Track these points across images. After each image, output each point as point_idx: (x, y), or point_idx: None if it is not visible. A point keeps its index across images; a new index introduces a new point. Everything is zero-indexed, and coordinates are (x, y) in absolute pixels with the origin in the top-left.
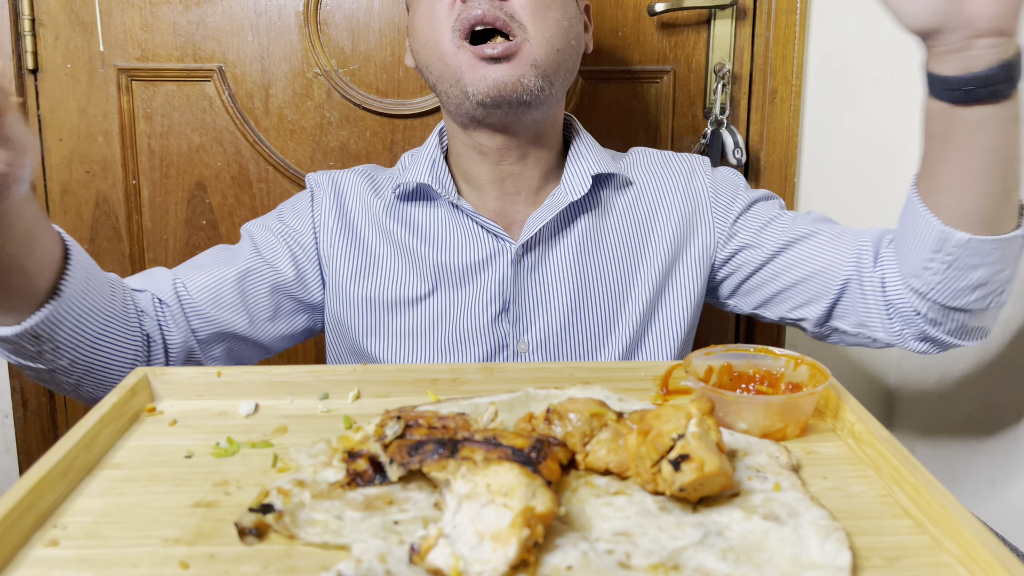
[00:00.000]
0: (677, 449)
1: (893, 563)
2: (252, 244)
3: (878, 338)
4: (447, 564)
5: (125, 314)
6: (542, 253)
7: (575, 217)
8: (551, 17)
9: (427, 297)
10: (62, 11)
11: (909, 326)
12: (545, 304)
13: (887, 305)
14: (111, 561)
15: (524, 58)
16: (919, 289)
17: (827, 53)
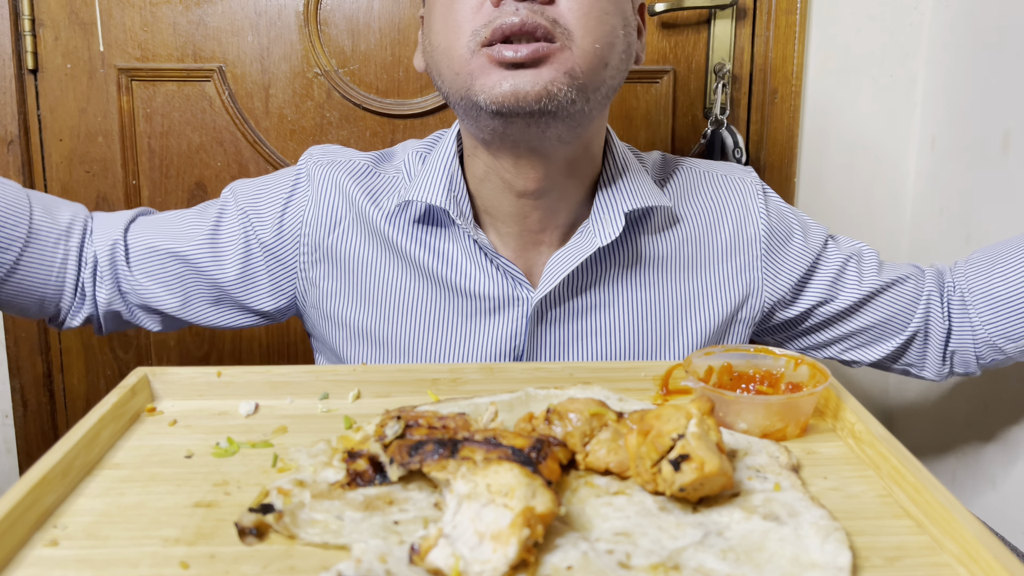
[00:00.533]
0: (677, 449)
1: (893, 563)
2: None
3: (923, 377)
4: (447, 564)
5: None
6: (564, 308)
7: (606, 264)
8: (606, 22)
9: (428, 338)
10: (62, 11)
11: (960, 368)
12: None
13: (947, 353)
14: (111, 561)
15: (559, 64)
16: (1004, 348)
17: (827, 53)
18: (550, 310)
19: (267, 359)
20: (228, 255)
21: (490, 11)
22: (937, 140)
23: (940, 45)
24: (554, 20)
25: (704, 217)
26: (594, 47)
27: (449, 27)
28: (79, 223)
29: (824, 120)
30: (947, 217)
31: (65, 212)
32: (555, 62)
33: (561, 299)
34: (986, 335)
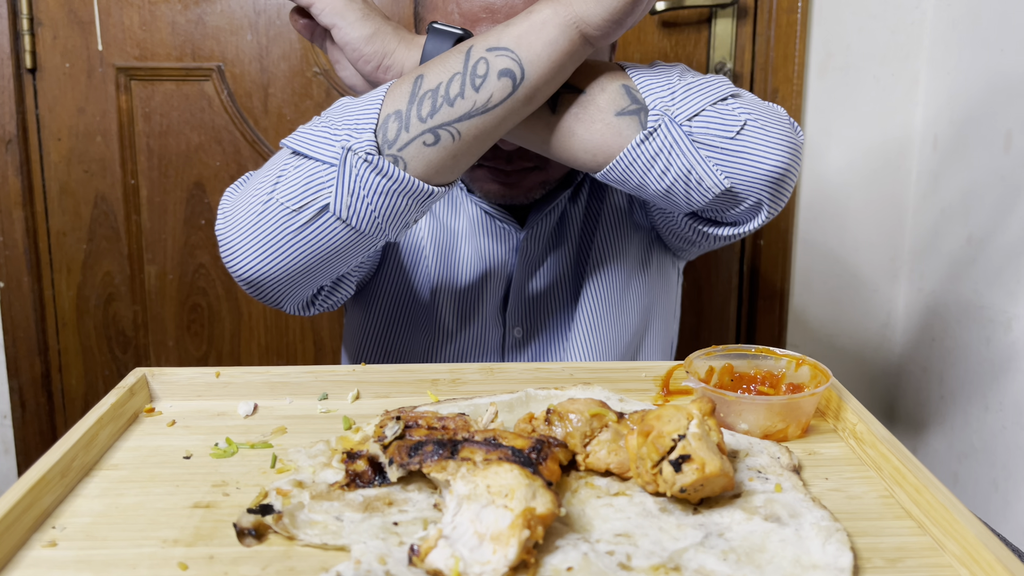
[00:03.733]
0: (678, 450)
1: (895, 564)
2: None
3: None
4: (447, 565)
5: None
6: (544, 245)
7: (571, 206)
8: None
9: (427, 273)
10: (61, 10)
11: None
12: (543, 291)
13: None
14: (110, 562)
15: (534, 181)
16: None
17: (828, 52)
18: (532, 246)
19: (266, 359)
20: None
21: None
22: (938, 139)
23: (942, 44)
24: (536, 156)
25: None
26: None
27: None
28: None
29: (825, 119)
30: (948, 216)
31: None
32: (532, 180)
33: (540, 236)
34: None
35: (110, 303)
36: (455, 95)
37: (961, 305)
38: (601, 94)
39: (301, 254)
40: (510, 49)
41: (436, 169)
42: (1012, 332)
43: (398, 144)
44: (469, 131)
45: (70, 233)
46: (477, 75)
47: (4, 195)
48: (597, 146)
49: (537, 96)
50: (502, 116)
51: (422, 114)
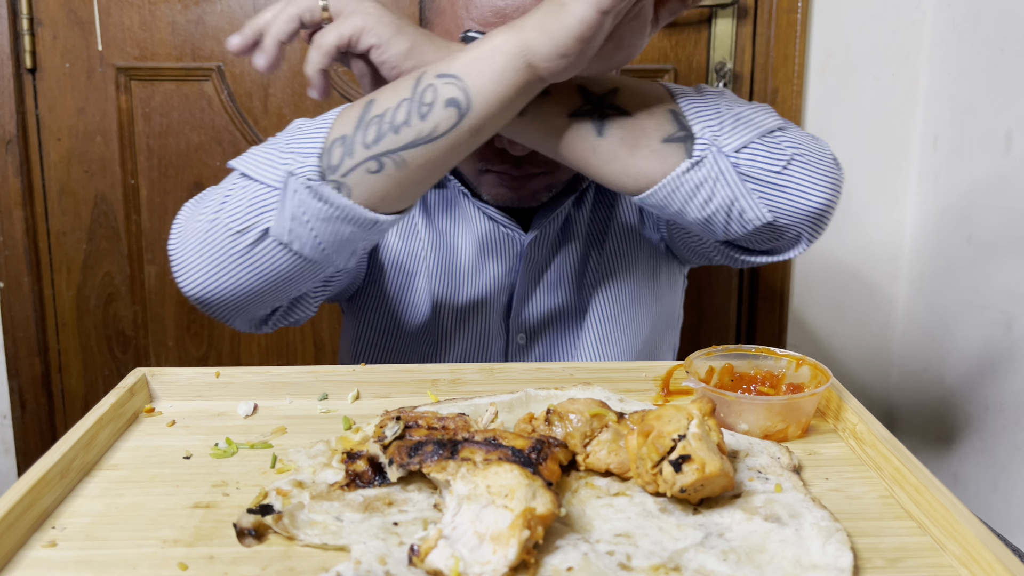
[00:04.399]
0: (678, 450)
1: (895, 564)
2: None
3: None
4: (447, 565)
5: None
6: (549, 249)
7: (577, 211)
8: None
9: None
10: (60, 10)
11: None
12: (548, 297)
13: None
14: (110, 562)
15: (542, 183)
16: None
17: (827, 53)
18: (537, 251)
19: (266, 359)
20: None
21: (494, 150)
22: (939, 139)
23: (942, 44)
24: (545, 161)
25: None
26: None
27: None
28: None
29: (825, 119)
30: (949, 217)
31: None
32: (539, 183)
33: (545, 241)
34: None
35: (110, 303)
36: (401, 122)
37: (961, 305)
38: (648, 119)
39: (247, 277)
40: (458, 77)
41: (381, 197)
42: (1012, 332)
43: (341, 170)
44: (415, 160)
45: (70, 233)
46: (424, 103)
47: (4, 195)
48: (641, 171)
49: (485, 128)
50: (448, 146)
51: (367, 140)
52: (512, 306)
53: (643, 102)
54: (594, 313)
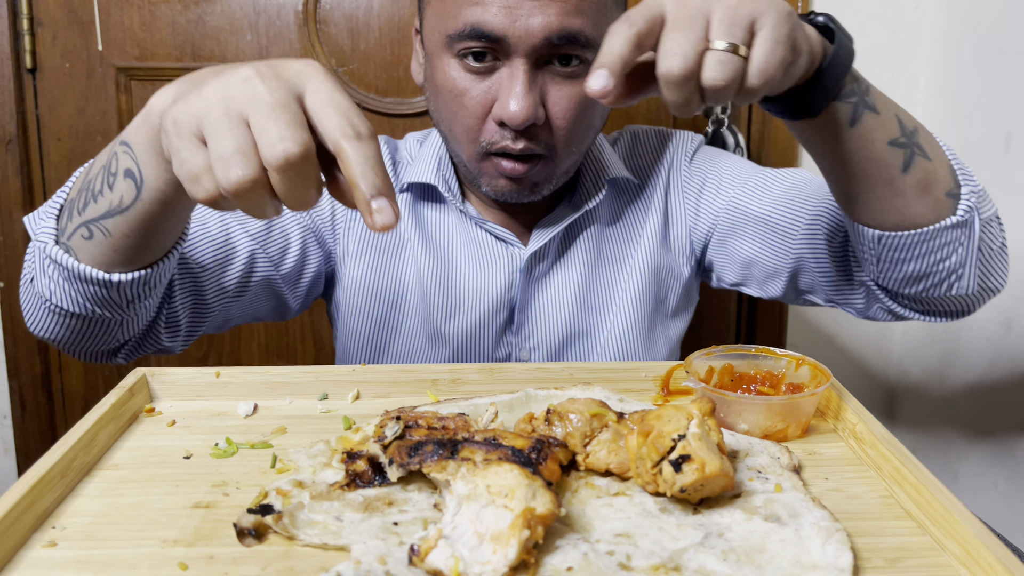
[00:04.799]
0: (678, 450)
1: (895, 564)
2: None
3: (855, 310)
4: (447, 565)
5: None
6: (551, 263)
7: (583, 225)
8: (587, 128)
9: (438, 295)
10: (61, 10)
11: (874, 300)
12: (551, 313)
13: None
14: (110, 562)
15: (543, 172)
16: (868, 274)
17: None
18: (538, 264)
19: (266, 360)
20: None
21: (494, 129)
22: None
23: (941, 44)
24: (544, 142)
25: (647, 174)
26: (572, 151)
27: (458, 128)
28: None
29: None
30: None
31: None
32: (541, 172)
33: (546, 254)
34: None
35: None
36: (97, 191)
37: None
38: (940, 168)
39: (54, 326)
40: (128, 145)
41: (103, 261)
42: (1012, 332)
43: (66, 234)
44: (116, 229)
45: None
46: (111, 172)
47: (4, 195)
48: (915, 215)
49: (173, 204)
50: (141, 218)
51: (79, 207)
52: (514, 321)
53: (933, 147)
54: (604, 335)
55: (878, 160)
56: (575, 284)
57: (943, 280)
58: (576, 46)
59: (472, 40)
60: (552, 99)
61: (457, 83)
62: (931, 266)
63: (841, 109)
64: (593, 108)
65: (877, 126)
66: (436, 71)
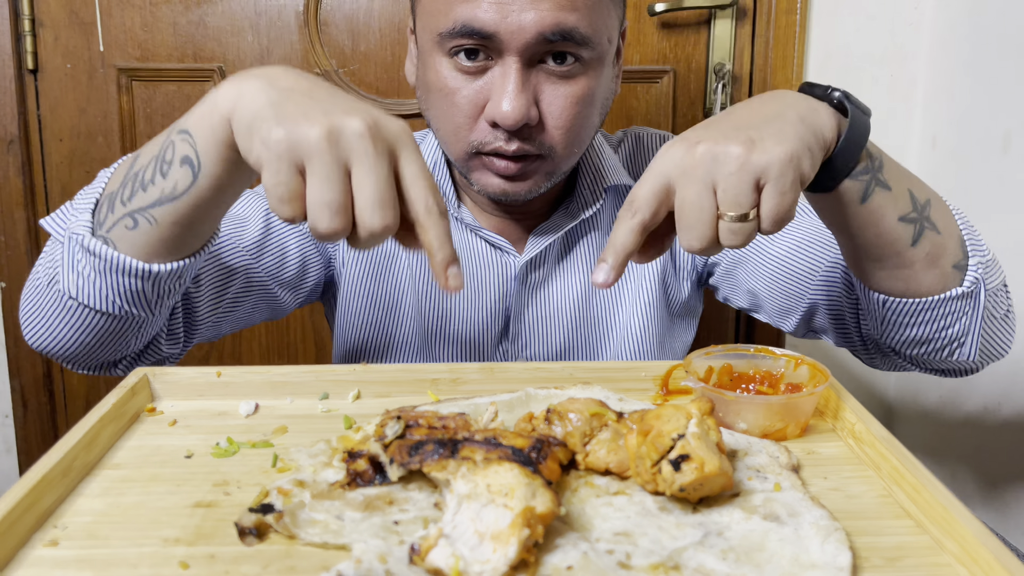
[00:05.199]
0: (677, 449)
1: (893, 563)
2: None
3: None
4: (447, 564)
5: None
6: (548, 271)
7: (582, 232)
8: (586, 126)
9: (432, 304)
10: (62, 11)
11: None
12: (548, 323)
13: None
14: (111, 561)
15: (539, 172)
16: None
17: (827, 53)
18: (534, 271)
19: (267, 359)
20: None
21: (486, 129)
22: (937, 140)
23: (940, 45)
24: (540, 142)
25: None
26: (571, 151)
27: (449, 128)
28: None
29: None
30: None
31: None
32: (537, 172)
33: (544, 263)
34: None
35: None
36: (148, 180)
37: None
38: (949, 240)
39: (66, 331)
40: (189, 133)
41: (146, 252)
42: None
43: (106, 226)
44: (164, 217)
45: None
46: (165, 160)
47: (6, 195)
48: (921, 285)
49: (227, 189)
50: (193, 205)
51: (124, 197)
52: (510, 330)
53: (944, 218)
54: (612, 347)
55: (887, 235)
56: (575, 294)
57: (945, 346)
58: (571, 43)
59: (463, 38)
60: (547, 99)
61: (448, 82)
62: (934, 332)
63: (852, 187)
64: (591, 107)
65: (888, 203)
66: (428, 70)
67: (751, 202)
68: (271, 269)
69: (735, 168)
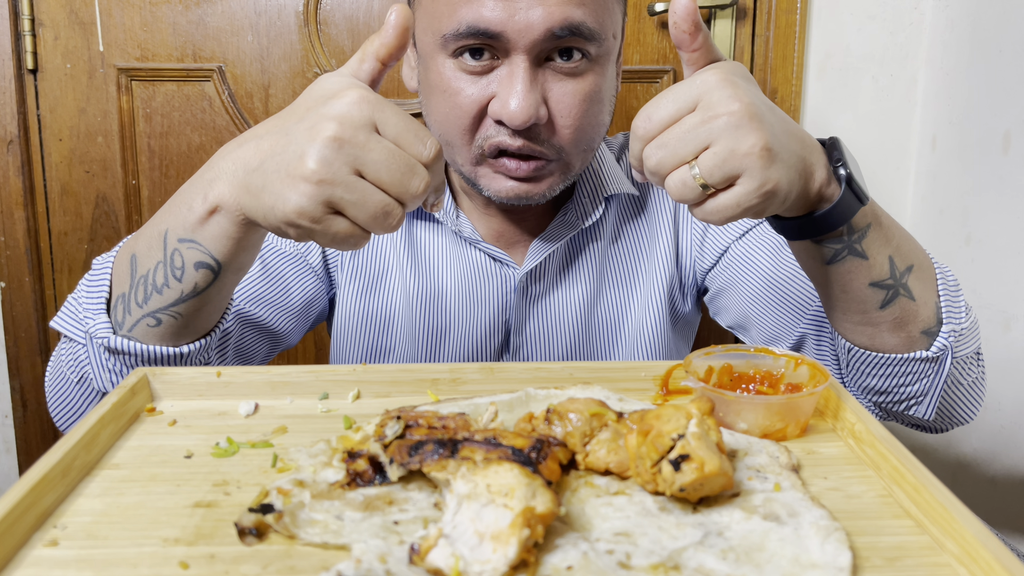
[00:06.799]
0: (677, 449)
1: (893, 563)
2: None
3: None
4: (447, 564)
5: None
6: (548, 282)
7: (582, 241)
8: (596, 124)
9: (428, 320)
10: (62, 11)
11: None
12: (550, 336)
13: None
14: (111, 561)
15: (553, 174)
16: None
17: (826, 53)
18: (535, 283)
19: None
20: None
21: (491, 126)
22: (937, 140)
23: (940, 45)
24: (548, 143)
25: (657, 192)
26: (583, 150)
27: (451, 129)
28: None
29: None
30: (947, 217)
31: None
32: (551, 175)
33: (545, 274)
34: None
35: None
36: (161, 284)
37: None
38: (923, 308)
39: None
40: (198, 243)
41: (173, 339)
42: (1011, 332)
43: (126, 326)
44: (187, 311)
45: (71, 233)
46: (176, 267)
47: (6, 195)
48: (885, 344)
49: (244, 268)
50: (217, 290)
51: (139, 300)
52: (511, 344)
53: (924, 285)
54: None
55: (854, 295)
56: (577, 305)
57: (902, 400)
58: (579, 38)
59: (469, 38)
60: (555, 97)
61: (452, 83)
62: (893, 386)
63: (820, 249)
64: (600, 104)
65: (859, 269)
66: (430, 72)
67: (718, 183)
68: (277, 302)
69: (740, 154)
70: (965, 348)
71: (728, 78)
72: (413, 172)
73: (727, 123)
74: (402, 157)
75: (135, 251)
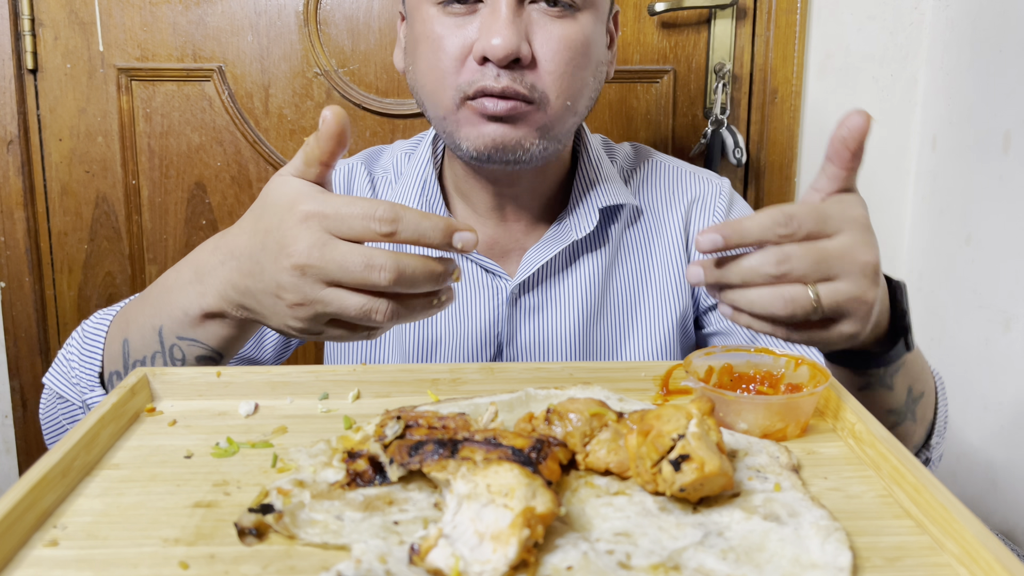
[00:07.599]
0: (677, 449)
1: (893, 563)
2: None
3: None
4: (447, 564)
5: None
6: (541, 294)
7: (579, 254)
8: (578, 79)
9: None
10: (62, 11)
11: None
12: (543, 349)
13: None
14: (111, 561)
15: (531, 123)
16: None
17: (827, 53)
18: (527, 294)
19: None
20: None
21: (474, 69)
22: (937, 140)
23: (940, 45)
24: (531, 85)
25: (666, 208)
26: (564, 104)
27: (435, 75)
28: None
29: (824, 120)
30: (947, 217)
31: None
32: (528, 121)
33: (537, 285)
34: None
35: (111, 303)
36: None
37: (959, 305)
38: (921, 428)
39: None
40: (198, 341)
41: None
42: (1011, 332)
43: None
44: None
45: (71, 233)
46: (176, 358)
47: (5, 195)
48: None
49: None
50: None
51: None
52: (503, 357)
53: (926, 409)
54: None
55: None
56: (574, 321)
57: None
58: None
59: None
60: (539, 38)
61: (436, 29)
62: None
63: (856, 377)
64: (585, 58)
65: (883, 397)
66: (415, 25)
67: (826, 314)
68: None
69: (856, 300)
70: (939, 452)
71: (869, 223)
72: (370, 266)
73: (862, 272)
74: (358, 255)
75: (127, 336)
